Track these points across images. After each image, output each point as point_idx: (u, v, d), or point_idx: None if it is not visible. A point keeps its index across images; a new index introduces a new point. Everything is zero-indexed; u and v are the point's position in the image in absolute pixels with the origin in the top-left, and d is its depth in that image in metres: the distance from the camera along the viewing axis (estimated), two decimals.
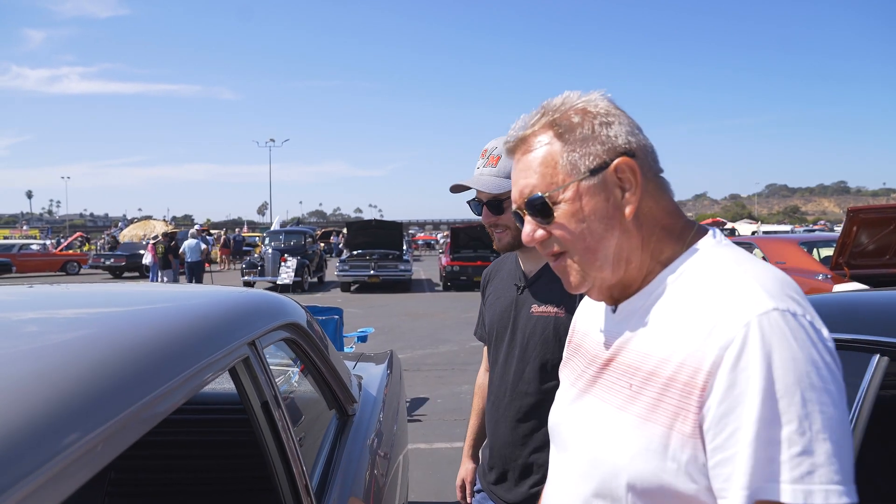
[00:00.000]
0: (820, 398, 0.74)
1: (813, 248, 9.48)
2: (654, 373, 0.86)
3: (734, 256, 0.90)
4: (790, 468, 0.72)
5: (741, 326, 0.78)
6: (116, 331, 1.17)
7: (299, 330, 1.87)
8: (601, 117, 0.94)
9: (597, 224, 0.92)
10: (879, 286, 7.73)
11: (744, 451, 0.75)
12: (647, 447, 0.84)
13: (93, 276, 25.59)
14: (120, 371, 0.96)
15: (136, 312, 1.45)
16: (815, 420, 0.73)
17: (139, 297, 1.71)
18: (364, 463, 2.01)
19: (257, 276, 18.54)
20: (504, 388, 1.77)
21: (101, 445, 0.81)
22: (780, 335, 0.76)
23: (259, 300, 1.74)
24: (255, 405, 1.41)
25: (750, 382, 0.76)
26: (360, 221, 21.56)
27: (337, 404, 2.13)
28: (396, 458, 2.57)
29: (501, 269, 1.94)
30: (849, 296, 1.92)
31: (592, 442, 0.93)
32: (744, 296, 0.81)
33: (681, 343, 0.83)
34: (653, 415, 0.84)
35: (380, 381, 2.77)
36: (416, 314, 13.18)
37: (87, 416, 0.82)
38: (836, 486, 0.71)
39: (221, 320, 1.41)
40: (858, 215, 7.72)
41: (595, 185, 0.92)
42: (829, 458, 0.72)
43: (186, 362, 1.11)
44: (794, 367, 0.75)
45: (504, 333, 1.80)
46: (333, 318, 5.89)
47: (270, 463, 1.42)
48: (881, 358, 1.46)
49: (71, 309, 1.49)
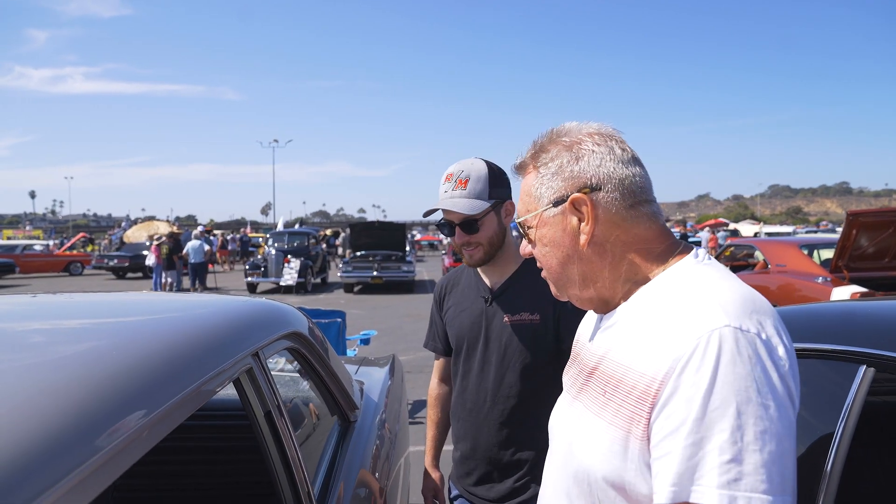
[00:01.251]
0: (756, 412, 0.79)
1: (813, 251, 9.48)
2: (622, 381, 0.93)
3: (707, 275, 0.96)
4: (718, 474, 0.78)
5: (694, 340, 0.84)
6: (124, 343, 1.20)
7: (301, 339, 1.91)
8: (574, 153, 1.03)
9: (555, 249, 1.05)
10: (879, 289, 7.74)
11: (676, 453, 0.81)
12: (611, 448, 0.92)
13: (96, 278, 25.65)
14: (130, 384, 0.99)
15: (142, 324, 1.49)
16: (748, 432, 0.78)
17: (144, 308, 1.76)
18: (366, 469, 2.06)
19: (261, 277, 18.57)
20: (484, 395, 1.86)
21: (114, 458, 0.85)
22: (728, 350, 0.82)
23: (262, 310, 1.78)
24: (258, 415, 1.46)
25: (690, 391, 0.82)
26: (364, 222, 21.59)
27: (339, 411, 2.17)
28: (398, 462, 2.61)
29: (458, 282, 2.03)
30: (838, 306, 1.95)
31: (573, 442, 1.02)
32: (702, 313, 0.87)
33: (645, 355, 0.90)
34: (616, 419, 0.92)
35: (382, 386, 2.82)
36: (419, 315, 13.20)
37: (100, 429, 0.86)
38: (760, 495, 0.76)
39: (226, 331, 1.45)
40: (858, 219, 7.71)
41: (555, 216, 1.04)
42: (758, 468, 0.77)
43: (194, 375, 1.15)
44: (733, 381, 0.80)
45: (476, 343, 1.89)
46: (336, 321, 5.93)
47: (273, 471, 1.46)
48: (868, 369, 1.49)
49: (76, 320, 1.53)
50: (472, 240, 1.81)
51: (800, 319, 1.91)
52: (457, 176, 1.80)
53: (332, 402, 2.15)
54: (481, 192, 1.78)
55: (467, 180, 1.78)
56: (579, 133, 1.05)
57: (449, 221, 1.82)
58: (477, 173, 1.79)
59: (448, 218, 1.82)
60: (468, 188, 1.78)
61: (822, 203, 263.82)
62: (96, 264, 26.38)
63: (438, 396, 2.17)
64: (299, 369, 2.22)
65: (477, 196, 1.78)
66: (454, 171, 1.81)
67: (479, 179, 1.79)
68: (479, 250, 1.82)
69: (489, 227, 1.81)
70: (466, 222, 1.79)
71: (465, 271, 2.03)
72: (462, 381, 1.93)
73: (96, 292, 2.12)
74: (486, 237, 1.81)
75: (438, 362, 2.15)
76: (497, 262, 1.88)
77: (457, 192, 1.78)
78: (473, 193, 1.78)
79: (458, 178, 1.80)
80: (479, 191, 1.78)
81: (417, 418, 5.81)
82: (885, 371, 1.46)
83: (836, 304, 1.98)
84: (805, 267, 8.58)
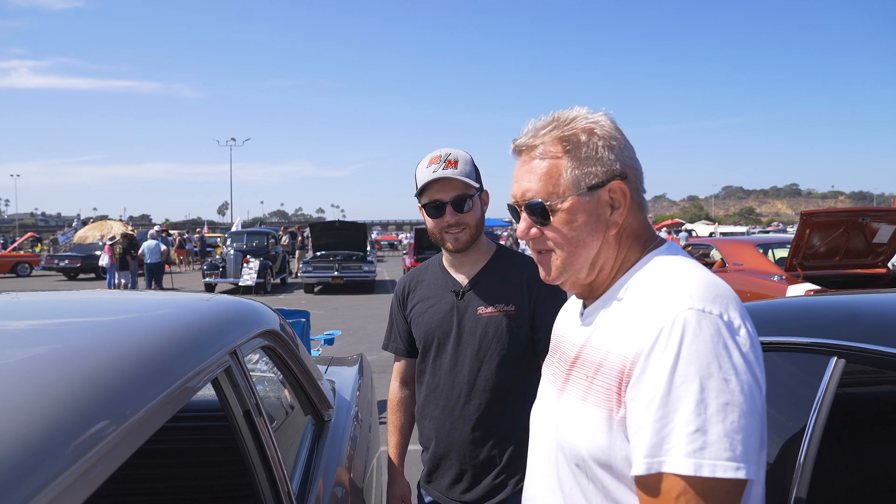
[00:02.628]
0: (718, 385, 0.85)
1: (769, 250, 9.75)
2: (602, 364, 0.99)
3: (678, 265, 1.01)
4: (685, 444, 0.84)
5: (661, 322, 0.90)
6: (103, 342, 1.15)
7: (276, 337, 1.87)
8: (606, 140, 1.05)
9: (585, 234, 1.05)
10: (830, 287, 8.01)
11: (647, 428, 0.87)
12: (596, 428, 0.97)
13: (46, 279, 24.81)
14: (110, 385, 0.95)
15: (118, 322, 1.44)
16: (712, 405, 0.84)
17: (118, 306, 1.70)
18: (342, 468, 2.03)
19: (219, 277, 18.23)
20: (458, 391, 1.82)
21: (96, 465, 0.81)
22: (692, 331, 0.88)
23: (237, 308, 1.74)
24: (237, 414, 1.42)
25: (657, 369, 0.88)
26: (324, 222, 21.31)
27: (313, 410, 2.14)
28: (371, 461, 2.59)
29: (423, 280, 1.99)
30: (805, 300, 2.00)
31: (560, 428, 1.06)
32: (670, 298, 0.93)
33: (621, 338, 0.96)
34: (599, 400, 0.97)
35: (353, 385, 2.79)
36: (381, 315, 13.10)
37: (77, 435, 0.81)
38: (724, 462, 0.82)
39: (203, 330, 1.41)
40: (811, 219, 7.97)
41: (590, 201, 1.04)
42: (721, 437, 0.83)
43: (174, 374, 1.11)
44: (697, 358, 0.86)
45: (447, 339, 1.85)
46: (300, 321, 5.86)
47: (253, 470, 1.43)
48: (839, 360, 1.53)
49: (50, 319, 1.46)
50: (462, 220, 1.79)
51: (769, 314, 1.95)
52: (445, 157, 1.79)
53: (307, 401, 2.11)
54: (469, 173, 1.78)
55: (457, 161, 1.78)
56: (605, 122, 1.07)
57: (439, 200, 1.79)
58: (464, 158, 1.80)
59: (438, 197, 1.78)
60: (459, 168, 1.77)
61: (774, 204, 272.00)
62: (46, 265, 25.51)
63: (401, 400, 2.09)
64: (272, 368, 2.18)
65: (467, 175, 1.77)
66: (441, 154, 1.80)
67: (466, 163, 1.79)
68: (465, 232, 1.80)
69: (476, 211, 1.82)
70: (459, 200, 1.77)
71: (428, 268, 2.00)
72: (432, 380, 1.89)
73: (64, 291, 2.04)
74: (475, 219, 1.81)
75: (399, 364, 2.09)
76: (468, 254, 1.87)
77: (449, 171, 1.76)
78: (464, 173, 1.77)
79: (446, 158, 1.78)
80: (468, 172, 1.78)
81: (382, 418, 5.78)
82: (855, 362, 1.50)
83: (802, 298, 2.03)
84: (761, 266, 8.83)
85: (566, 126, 1.06)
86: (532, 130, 1.09)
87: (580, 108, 1.09)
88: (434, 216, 1.80)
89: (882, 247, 8.47)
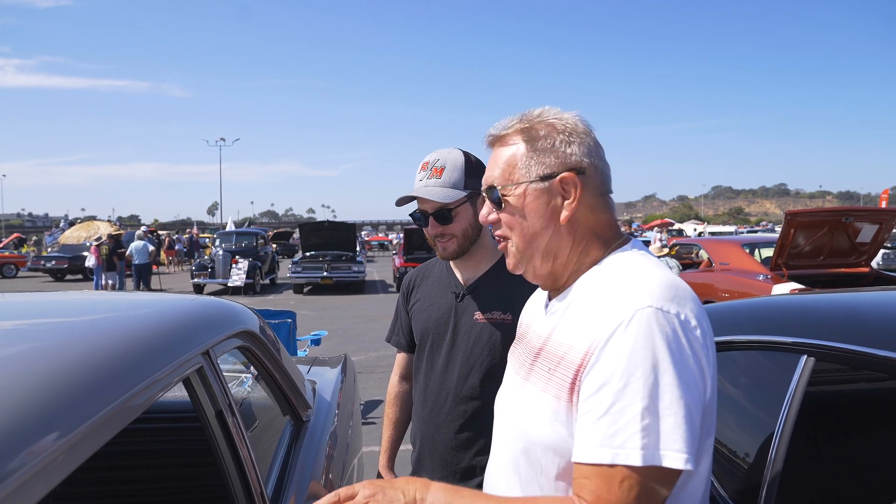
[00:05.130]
0: (671, 381, 0.89)
1: (755, 250, 9.82)
2: (563, 357, 1.02)
3: (640, 264, 1.05)
4: (639, 438, 0.88)
5: (619, 317, 0.94)
6: (64, 343, 1.15)
7: (253, 337, 1.87)
8: (566, 135, 1.10)
9: (535, 221, 1.10)
10: (815, 286, 8.08)
11: (598, 417, 0.91)
12: (554, 418, 1.01)
13: (33, 280, 24.62)
14: (69, 387, 0.94)
15: (85, 323, 1.43)
16: (664, 398, 0.89)
17: (86, 307, 1.69)
18: (319, 469, 2.02)
19: (208, 278, 18.14)
20: (445, 394, 1.80)
21: (52, 464, 0.80)
22: (647, 327, 0.92)
23: (212, 308, 1.73)
24: (209, 415, 1.42)
25: (611, 361, 0.92)
26: (313, 222, 21.26)
27: (291, 410, 2.13)
28: (351, 462, 2.58)
29: (428, 276, 1.98)
30: (777, 300, 2.02)
31: (520, 417, 1.10)
32: (630, 295, 0.96)
33: (582, 333, 1.00)
34: (558, 391, 1.01)
35: (334, 385, 2.78)
36: (370, 316, 13.11)
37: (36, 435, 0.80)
38: (673, 453, 0.87)
39: (174, 330, 1.40)
40: (796, 218, 8.03)
41: (541, 190, 1.09)
42: (672, 429, 0.88)
43: (140, 375, 1.10)
44: (650, 354, 0.90)
45: (442, 339, 1.83)
46: (286, 321, 5.84)
47: (225, 472, 1.42)
48: (808, 358, 1.55)
49: (10, 321, 1.45)
50: (446, 231, 1.76)
51: (741, 313, 1.97)
52: (432, 164, 1.76)
53: (285, 402, 2.11)
54: (457, 181, 1.74)
55: (443, 169, 1.74)
56: (569, 120, 1.12)
57: (423, 211, 1.77)
58: (453, 163, 1.75)
59: (422, 207, 1.77)
60: (443, 177, 1.74)
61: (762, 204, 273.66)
62: (32, 266, 25.34)
63: (398, 394, 2.08)
64: (250, 369, 2.17)
65: (452, 185, 1.73)
66: (430, 160, 1.77)
67: (454, 169, 1.75)
68: (452, 242, 1.77)
69: (464, 219, 1.76)
70: (440, 213, 1.74)
71: (436, 265, 1.98)
72: (424, 379, 1.88)
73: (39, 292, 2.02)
74: (461, 229, 1.76)
75: (400, 357, 2.08)
76: (471, 257, 1.83)
77: (431, 181, 1.74)
78: (448, 183, 1.73)
79: (433, 166, 1.75)
80: (455, 180, 1.74)
81: (369, 418, 5.78)
82: (824, 360, 1.52)
83: (775, 298, 2.06)
84: (747, 265, 8.90)
85: (530, 120, 1.13)
86: (502, 125, 1.16)
87: (551, 108, 1.15)
88: (422, 224, 1.80)
89: (865, 246, 8.55)
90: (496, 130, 1.17)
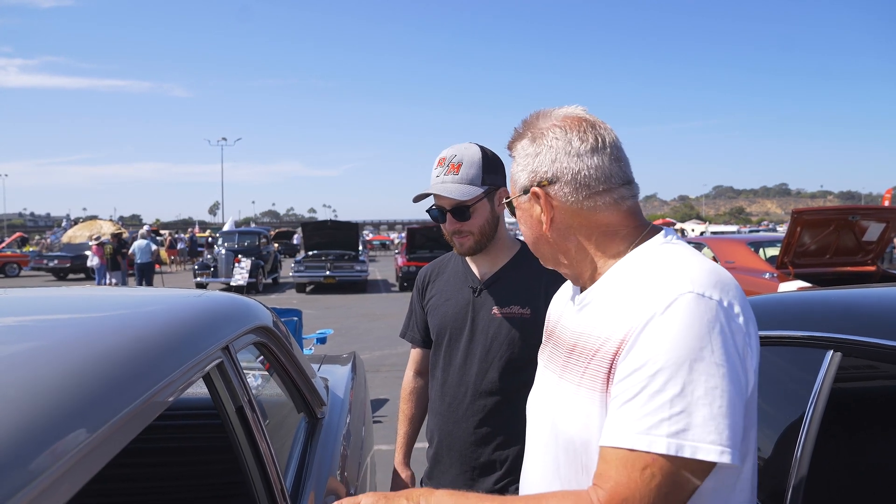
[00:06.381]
0: (708, 370, 0.85)
1: (759, 248, 9.81)
2: (598, 350, 0.99)
3: (675, 252, 1.02)
4: (668, 425, 0.84)
5: (659, 302, 0.90)
6: (89, 338, 1.13)
7: (269, 333, 1.85)
8: (535, 147, 1.10)
9: (527, 230, 1.16)
10: (821, 284, 8.06)
11: (630, 402, 0.88)
12: (590, 412, 0.97)
13: (35, 279, 24.62)
14: (98, 381, 0.92)
15: (105, 318, 1.41)
16: (699, 388, 0.84)
17: (107, 302, 1.67)
18: (336, 467, 2.00)
19: (210, 277, 18.15)
20: (465, 389, 1.79)
21: (84, 459, 0.78)
22: (687, 313, 0.88)
23: (230, 303, 1.72)
24: (229, 411, 1.40)
25: (649, 346, 0.89)
26: (316, 222, 21.23)
27: (306, 407, 2.11)
28: (365, 460, 2.56)
29: (444, 271, 1.97)
30: (804, 295, 2.00)
31: (557, 414, 1.07)
32: (669, 281, 0.93)
33: (618, 323, 0.96)
34: (594, 383, 0.98)
35: (346, 383, 2.76)
36: (374, 315, 13.12)
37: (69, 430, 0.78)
38: (707, 445, 0.83)
39: (196, 325, 1.39)
40: (802, 217, 8.02)
41: (525, 201, 1.13)
42: (706, 421, 0.83)
43: (164, 370, 1.08)
44: (688, 342, 0.86)
45: (460, 334, 1.82)
46: (293, 319, 5.84)
47: (246, 468, 1.41)
48: (835, 354, 1.53)
49: (35, 315, 1.44)
50: (464, 227, 1.74)
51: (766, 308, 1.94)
52: (449, 160, 1.74)
53: (300, 399, 2.09)
54: (474, 177, 1.72)
55: (460, 165, 1.72)
56: (547, 122, 1.10)
57: (440, 207, 1.76)
58: (470, 158, 1.73)
59: (439, 204, 1.75)
60: (461, 173, 1.71)
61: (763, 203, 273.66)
62: (35, 265, 25.31)
63: (413, 390, 2.07)
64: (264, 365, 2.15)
65: (469, 182, 1.71)
66: (447, 156, 1.75)
67: (472, 164, 1.72)
68: (469, 238, 1.76)
69: (481, 215, 1.74)
70: (458, 209, 1.72)
71: (451, 259, 1.97)
72: (442, 374, 1.86)
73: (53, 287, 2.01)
74: (478, 225, 1.75)
75: (415, 352, 2.06)
76: (488, 252, 1.82)
77: (448, 177, 1.72)
78: (466, 179, 1.71)
79: (450, 162, 1.73)
80: (472, 176, 1.72)
81: (375, 417, 5.77)
82: (851, 355, 1.50)
83: (800, 293, 2.03)
84: (753, 263, 8.89)
85: (524, 131, 1.14)
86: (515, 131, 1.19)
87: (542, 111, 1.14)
88: (439, 221, 1.78)
89: (871, 245, 8.53)
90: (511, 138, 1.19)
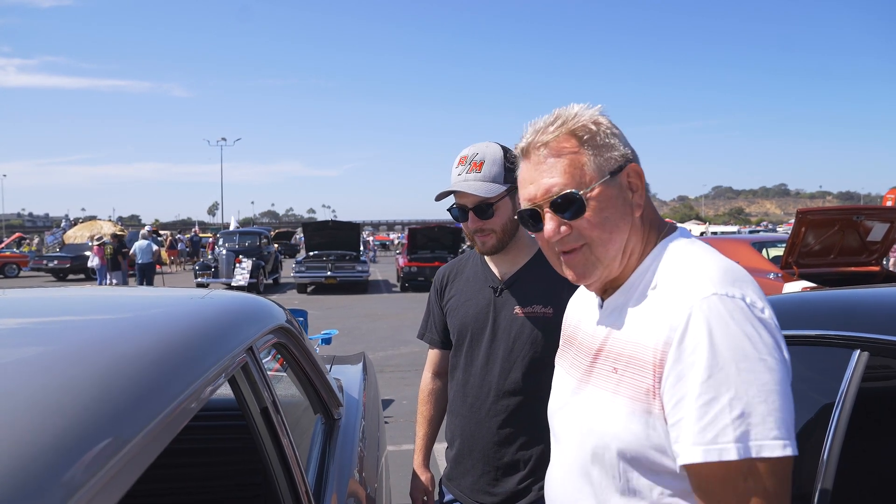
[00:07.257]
0: (755, 367, 0.86)
1: (763, 248, 9.81)
2: (632, 356, 0.98)
3: (694, 252, 1.03)
4: (732, 430, 0.84)
5: (686, 309, 0.91)
6: (122, 338, 1.12)
7: (287, 333, 1.84)
8: (611, 128, 1.08)
9: (617, 219, 1.05)
10: (826, 284, 8.04)
11: (689, 417, 0.87)
12: (631, 422, 0.96)
13: (35, 280, 24.57)
14: (136, 382, 0.90)
15: (133, 319, 1.40)
16: (752, 386, 0.85)
17: (132, 302, 1.66)
18: (355, 468, 1.99)
19: (211, 277, 18.12)
20: (487, 389, 1.78)
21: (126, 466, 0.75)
22: (718, 315, 0.89)
23: (251, 304, 1.71)
24: (254, 412, 1.39)
25: (691, 357, 0.89)
26: (317, 222, 21.21)
27: (323, 408, 2.10)
28: (381, 461, 2.55)
29: (463, 271, 1.95)
30: (826, 294, 1.98)
31: (591, 423, 1.04)
32: (691, 285, 0.94)
33: (648, 329, 0.97)
34: (634, 393, 0.97)
35: (359, 383, 2.76)
36: (376, 315, 13.10)
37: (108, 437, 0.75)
38: (770, 441, 0.83)
39: (222, 326, 1.37)
40: (807, 217, 8.02)
41: (614, 187, 1.05)
42: (765, 417, 0.84)
43: (195, 371, 1.07)
44: (730, 342, 0.87)
45: (481, 335, 1.81)
46: (299, 320, 5.80)
47: (271, 469, 1.39)
48: (862, 353, 1.51)
49: (56, 316, 1.42)
50: (486, 226, 1.73)
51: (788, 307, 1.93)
52: (471, 158, 1.73)
53: (317, 399, 2.07)
54: (496, 175, 1.71)
55: (482, 163, 1.71)
56: (600, 115, 1.09)
57: (461, 206, 1.74)
58: (492, 156, 1.72)
59: (461, 202, 1.74)
60: (483, 171, 1.71)
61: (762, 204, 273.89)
62: (34, 266, 25.26)
63: (432, 391, 2.05)
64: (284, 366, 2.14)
65: (492, 179, 1.70)
66: (468, 154, 1.74)
67: (494, 162, 1.72)
68: (491, 237, 1.74)
69: (504, 213, 1.73)
70: (480, 207, 1.72)
71: (470, 260, 1.95)
72: (463, 375, 1.85)
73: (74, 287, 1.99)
74: (500, 223, 1.73)
75: (433, 353, 2.04)
76: (508, 251, 1.81)
77: (471, 175, 1.71)
78: (489, 177, 1.70)
79: (472, 160, 1.73)
80: (495, 174, 1.71)
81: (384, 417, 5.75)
82: (879, 355, 1.49)
83: (824, 293, 2.01)
84: (756, 263, 8.87)
85: (573, 120, 1.07)
86: (537, 130, 1.09)
87: (577, 105, 1.11)
88: (460, 219, 1.77)
89: (876, 245, 8.53)
90: (537, 136, 1.08)
